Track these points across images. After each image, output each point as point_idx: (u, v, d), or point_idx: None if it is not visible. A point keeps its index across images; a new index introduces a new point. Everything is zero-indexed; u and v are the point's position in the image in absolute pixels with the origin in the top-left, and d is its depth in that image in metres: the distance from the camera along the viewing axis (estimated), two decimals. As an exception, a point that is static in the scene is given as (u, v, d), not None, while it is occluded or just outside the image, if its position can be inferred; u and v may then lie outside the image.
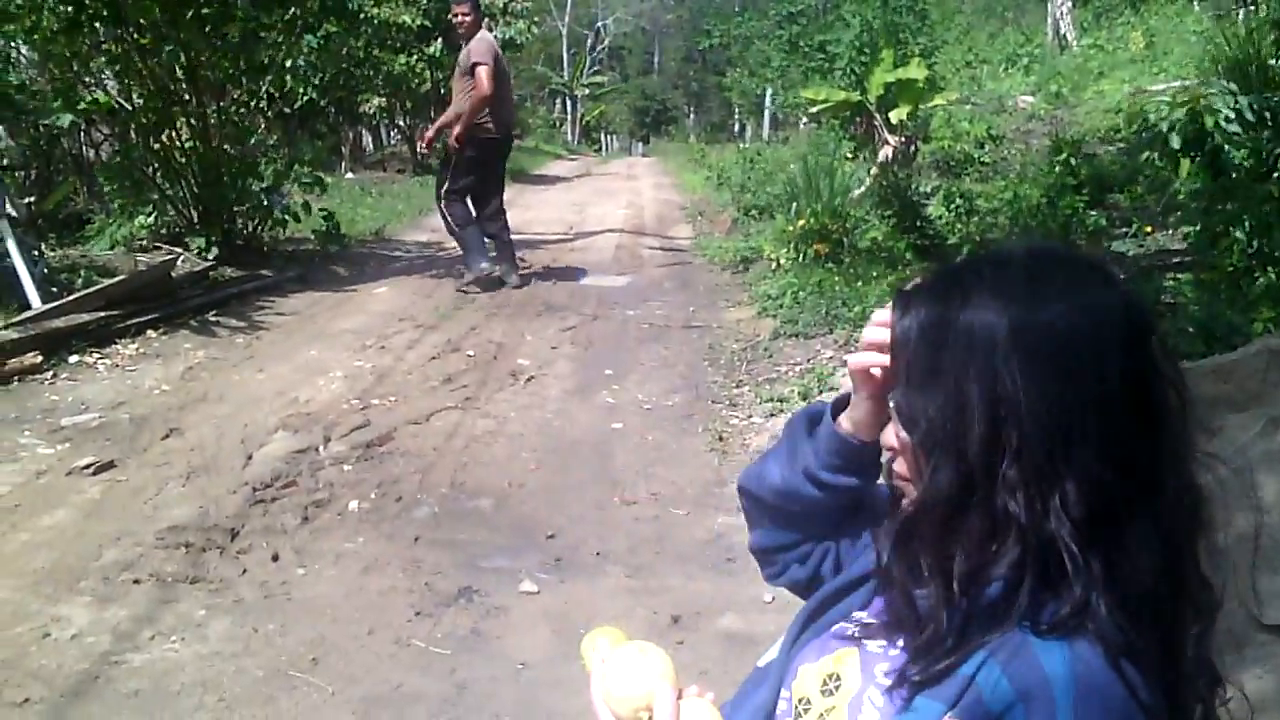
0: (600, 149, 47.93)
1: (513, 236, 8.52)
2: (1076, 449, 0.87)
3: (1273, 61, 6.44)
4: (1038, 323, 0.89)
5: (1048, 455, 0.88)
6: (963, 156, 10.87)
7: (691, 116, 54.93)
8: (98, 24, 7.94)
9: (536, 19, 22.08)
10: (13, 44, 7.58)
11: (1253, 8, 9.13)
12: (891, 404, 0.99)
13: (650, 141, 49.28)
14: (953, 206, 8.04)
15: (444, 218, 8.10)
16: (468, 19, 7.81)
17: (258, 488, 4.22)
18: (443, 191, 8.02)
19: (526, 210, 13.92)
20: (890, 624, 0.99)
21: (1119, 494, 0.88)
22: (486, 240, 8.15)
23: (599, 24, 53.20)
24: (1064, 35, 17.46)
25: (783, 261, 7.97)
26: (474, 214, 8.08)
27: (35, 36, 7.71)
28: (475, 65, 7.62)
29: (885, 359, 1.02)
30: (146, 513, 4.00)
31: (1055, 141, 9.07)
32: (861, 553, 1.19)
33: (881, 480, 1.13)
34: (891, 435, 1.02)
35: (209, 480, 4.30)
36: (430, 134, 8.41)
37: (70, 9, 7.57)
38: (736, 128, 42.24)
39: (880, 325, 1.04)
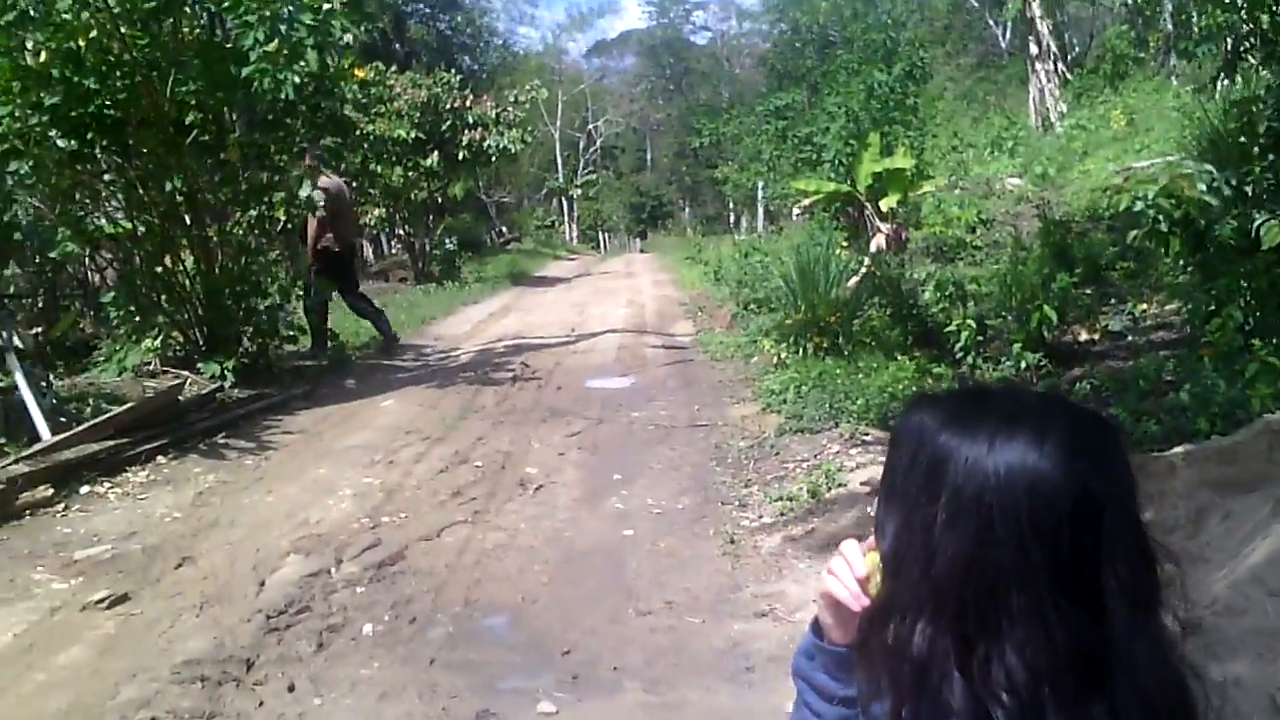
0: (598, 247, 48.54)
1: (513, 341, 10.73)
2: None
3: (1243, 139, 6.58)
4: (975, 473, 0.86)
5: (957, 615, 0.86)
6: (954, 241, 11.03)
7: (687, 210, 55.63)
8: (99, 154, 8.14)
9: (530, 127, 22.58)
10: (16, 176, 7.69)
11: (1227, 83, 9.34)
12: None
13: (647, 237, 49.91)
14: (945, 293, 8.15)
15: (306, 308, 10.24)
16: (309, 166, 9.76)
17: (271, 615, 4.20)
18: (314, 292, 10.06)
19: (527, 314, 14.07)
20: None
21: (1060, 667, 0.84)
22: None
23: (590, 126, 54.30)
24: (1047, 117, 17.82)
25: (783, 355, 8.05)
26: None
27: (40, 170, 7.79)
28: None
29: (853, 597, 1.03)
30: (161, 646, 3.98)
31: (1044, 223, 9.23)
32: None
33: None
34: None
35: (223, 609, 4.29)
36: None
37: (74, 141, 7.74)
38: (731, 219, 42.83)
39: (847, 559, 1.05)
